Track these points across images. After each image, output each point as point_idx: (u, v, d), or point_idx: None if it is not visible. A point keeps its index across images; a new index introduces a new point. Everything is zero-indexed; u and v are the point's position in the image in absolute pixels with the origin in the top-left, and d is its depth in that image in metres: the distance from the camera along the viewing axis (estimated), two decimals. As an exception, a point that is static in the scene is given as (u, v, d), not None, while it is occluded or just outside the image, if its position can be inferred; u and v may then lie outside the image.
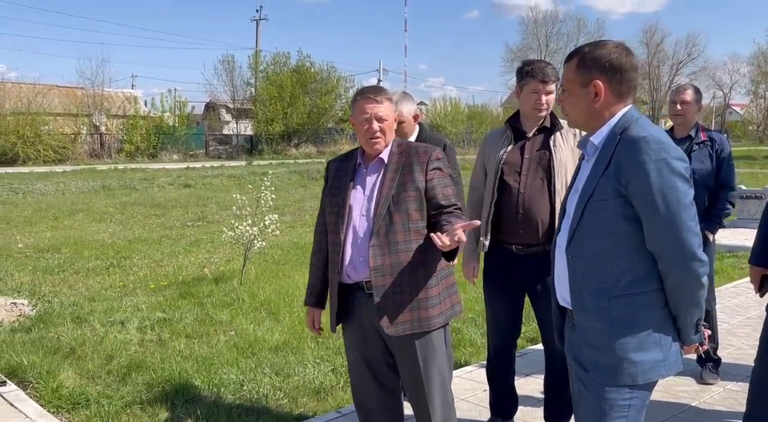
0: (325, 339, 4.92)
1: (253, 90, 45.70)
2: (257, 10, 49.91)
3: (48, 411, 3.91)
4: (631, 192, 1.98)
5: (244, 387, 4.26)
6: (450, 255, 3.65)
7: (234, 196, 7.42)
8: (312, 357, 4.77)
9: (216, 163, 33.35)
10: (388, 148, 2.77)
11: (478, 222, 2.58)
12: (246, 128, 46.48)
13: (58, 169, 28.46)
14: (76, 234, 11.01)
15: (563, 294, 2.18)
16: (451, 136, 46.48)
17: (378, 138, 2.71)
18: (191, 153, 38.54)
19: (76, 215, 13.53)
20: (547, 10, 70.88)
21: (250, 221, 7.26)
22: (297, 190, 18.73)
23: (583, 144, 2.20)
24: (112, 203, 15.65)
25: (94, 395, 4.13)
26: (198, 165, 31.37)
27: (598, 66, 2.07)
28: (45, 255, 9.07)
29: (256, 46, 48.13)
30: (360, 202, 2.74)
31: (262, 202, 7.28)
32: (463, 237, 2.45)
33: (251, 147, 42.69)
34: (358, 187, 2.77)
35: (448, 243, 2.41)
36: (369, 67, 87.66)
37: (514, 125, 3.42)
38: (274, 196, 7.47)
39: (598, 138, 2.11)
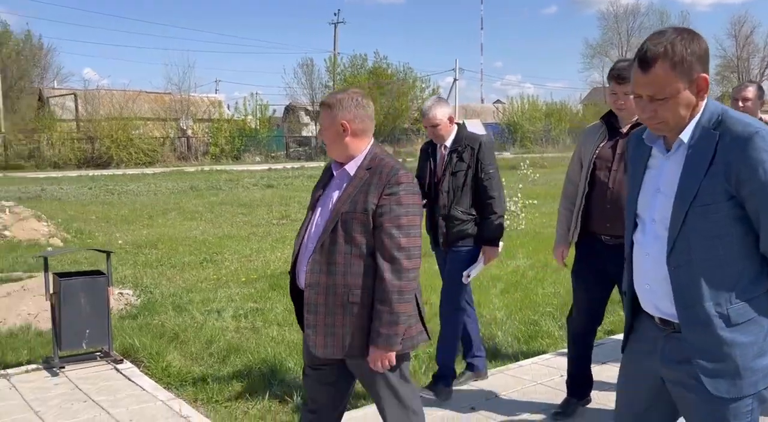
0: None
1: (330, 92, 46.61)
2: (335, 14, 50.90)
3: (160, 386, 4.34)
4: (748, 193, 1.82)
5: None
6: (491, 241, 3.70)
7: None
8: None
9: (296, 164, 34.25)
10: (358, 160, 2.57)
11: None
12: (325, 130, 47.41)
13: (149, 170, 29.95)
14: (170, 231, 11.70)
15: (658, 304, 1.99)
16: (528, 134, 45.94)
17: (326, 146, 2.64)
18: (272, 154, 39.69)
19: (169, 214, 14.31)
20: (628, 4, 69.00)
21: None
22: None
23: (652, 138, 2.01)
24: (201, 203, 16.44)
25: (199, 374, 4.54)
26: (279, 166, 32.28)
27: (698, 58, 1.86)
28: (143, 250, 9.72)
29: (334, 49, 49.10)
30: (319, 209, 2.62)
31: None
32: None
33: (329, 148, 43.47)
34: (327, 192, 2.64)
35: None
36: (445, 67, 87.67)
37: (610, 121, 3.57)
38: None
39: (686, 134, 1.91)
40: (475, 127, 5.11)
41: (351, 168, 2.57)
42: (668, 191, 1.94)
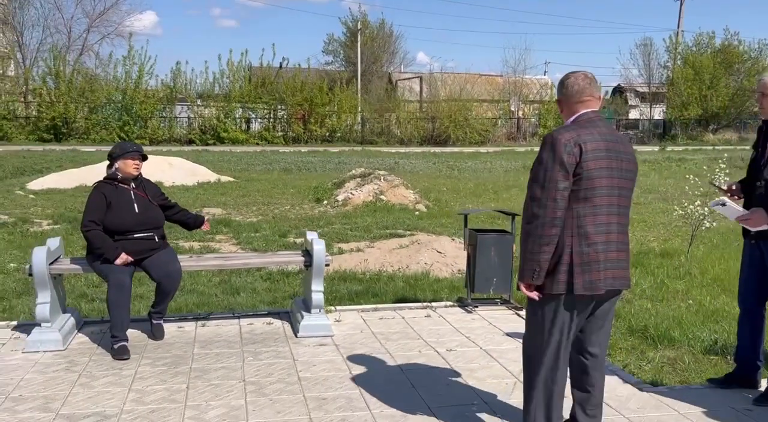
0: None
1: (669, 73, 43.91)
2: (683, -11, 47.50)
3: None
4: None
5: (717, 344, 4.75)
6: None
7: (687, 177, 7.80)
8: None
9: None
10: None
11: None
12: (658, 113, 44.97)
13: (482, 149, 31.76)
14: (515, 206, 12.48)
15: None
16: None
17: None
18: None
19: (511, 190, 15.26)
20: None
21: (698, 202, 7.57)
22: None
23: None
24: (538, 181, 17.10)
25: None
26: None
27: None
28: (496, 221, 10.65)
29: (678, 27, 45.84)
30: None
31: (717, 183, 7.49)
32: None
33: (663, 132, 41.25)
34: None
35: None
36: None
37: None
38: (727, 179, 7.62)
39: None
40: None
41: None
42: None
